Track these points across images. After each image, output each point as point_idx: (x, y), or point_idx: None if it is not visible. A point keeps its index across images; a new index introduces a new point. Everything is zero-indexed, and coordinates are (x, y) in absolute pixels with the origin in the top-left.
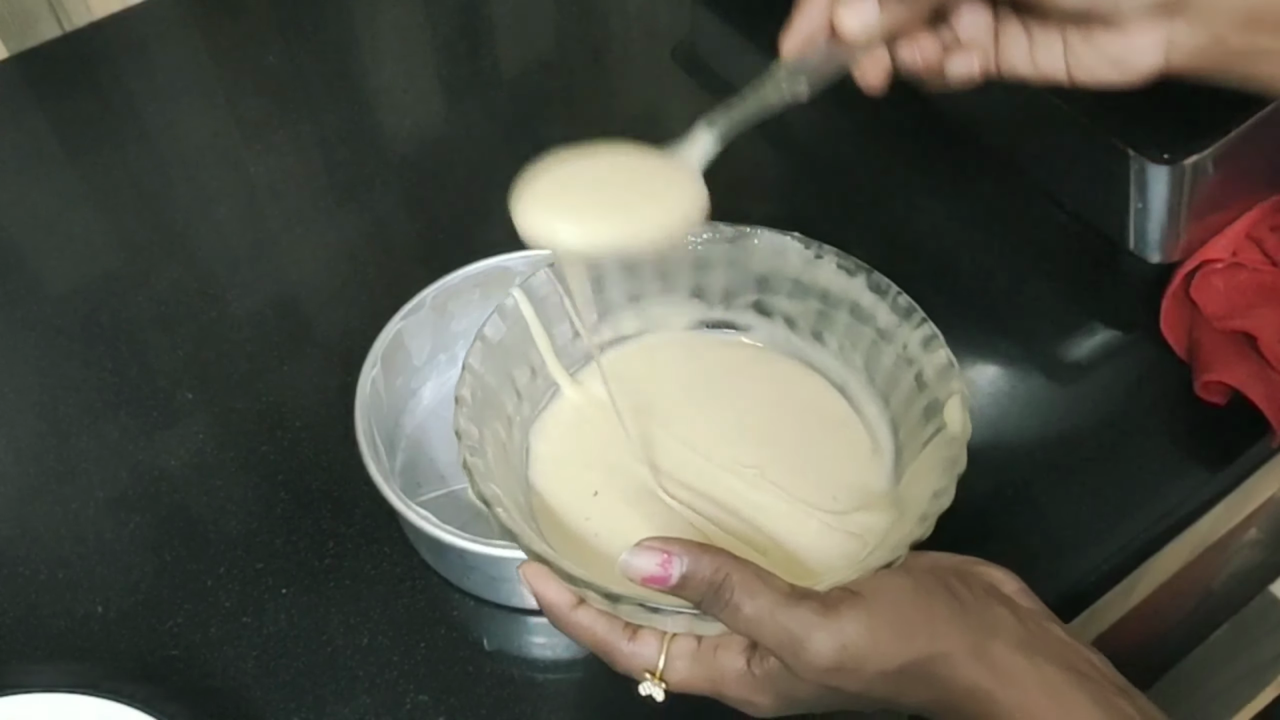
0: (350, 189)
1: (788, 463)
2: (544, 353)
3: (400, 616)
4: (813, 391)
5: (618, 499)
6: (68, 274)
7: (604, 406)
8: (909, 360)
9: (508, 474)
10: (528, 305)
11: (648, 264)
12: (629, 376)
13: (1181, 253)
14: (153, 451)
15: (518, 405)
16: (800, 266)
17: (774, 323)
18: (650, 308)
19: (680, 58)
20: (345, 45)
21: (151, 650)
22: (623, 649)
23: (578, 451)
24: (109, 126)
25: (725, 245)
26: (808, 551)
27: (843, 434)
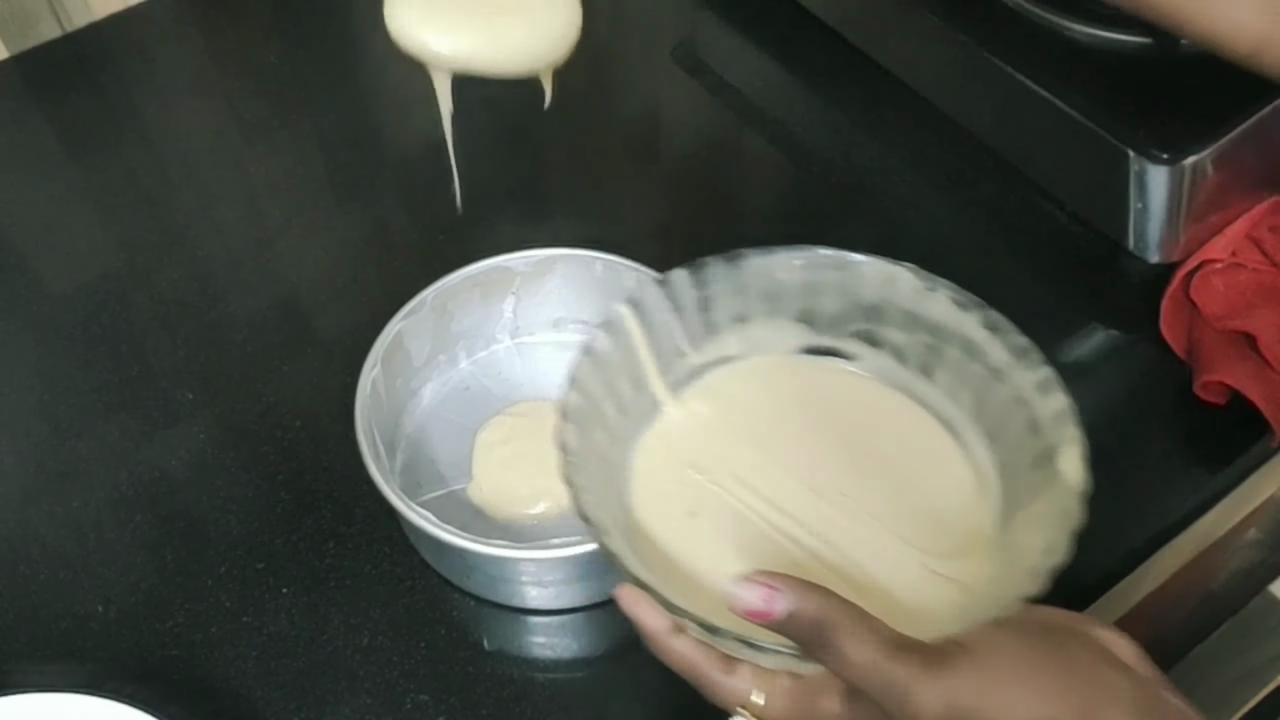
0: (350, 189)
1: (888, 497)
2: (648, 368)
3: (400, 616)
4: (918, 426)
5: (715, 522)
6: (68, 274)
7: (705, 426)
8: (1022, 402)
9: (607, 491)
10: (634, 320)
11: (756, 286)
12: (731, 397)
13: (1181, 253)
14: (153, 451)
15: (620, 421)
16: (912, 298)
17: (881, 353)
18: (755, 330)
19: (680, 58)
20: (345, 45)
21: (152, 650)
22: (717, 681)
23: (677, 470)
24: (109, 126)
25: (835, 272)
26: (906, 592)
27: (947, 472)
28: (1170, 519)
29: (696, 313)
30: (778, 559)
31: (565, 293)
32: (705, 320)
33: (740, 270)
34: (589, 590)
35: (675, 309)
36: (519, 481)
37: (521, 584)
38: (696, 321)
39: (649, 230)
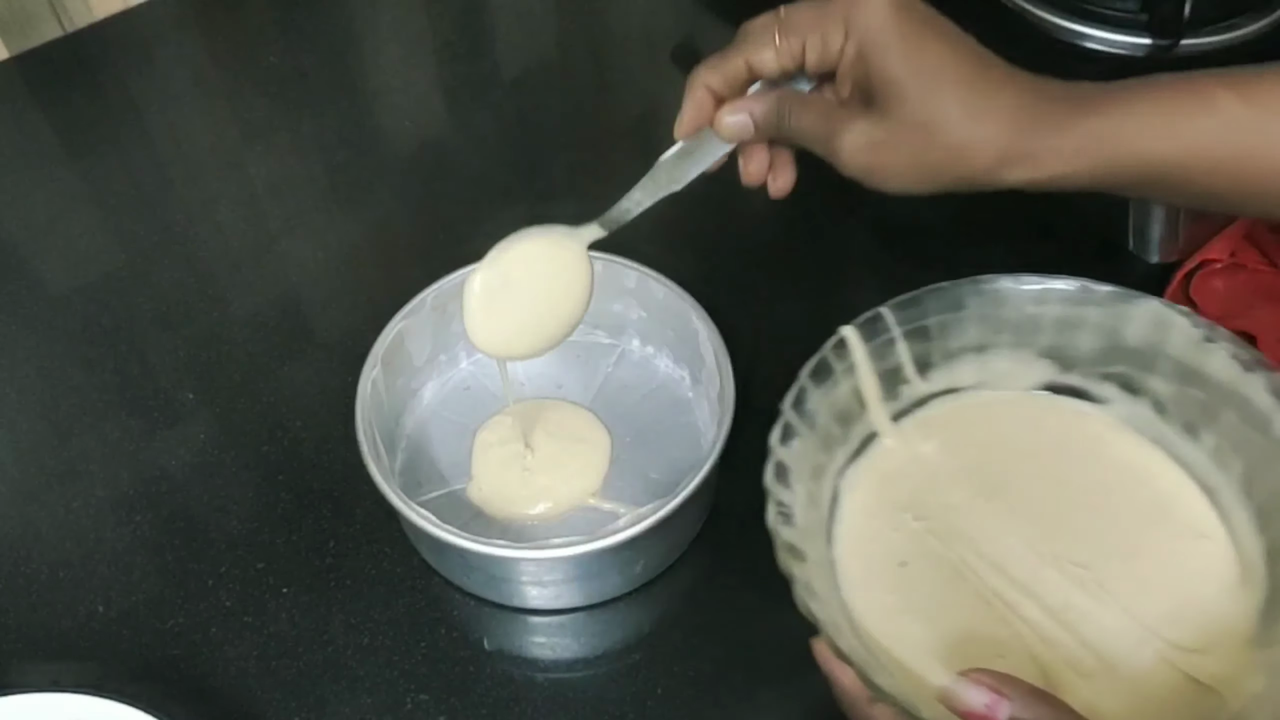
0: (351, 189)
1: (1130, 571)
2: (869, 397)
3: (401, 616)
4: (1173, 490)
5: (927, 576)
6: (69, 274)
7: (928, 466)
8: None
9: (812, 530)
10: (860, 345)
11: (1005, 316)
12: (960, 435)
13: (1181, 253)
14: (154, 451)
15: (831, 453)
16: (1184, 347)
17: (1139, 401)
18: (995, 361)
19: (680, 58)
20: (345, 45)
21: (153, 650)
22: None
23: (892, 514)
24: (110, 127)
25: (1097, 309)
26: (1141, 688)
27: (1203, 549)
28: None
29: (932, 338)
30: (994, 629)
31: None
32: (941, 347)
33: (988, 297)
34: (589, 590)
35: (909, 333)
36: (518, 481)
37: (521, 584)
38: (929, 347)
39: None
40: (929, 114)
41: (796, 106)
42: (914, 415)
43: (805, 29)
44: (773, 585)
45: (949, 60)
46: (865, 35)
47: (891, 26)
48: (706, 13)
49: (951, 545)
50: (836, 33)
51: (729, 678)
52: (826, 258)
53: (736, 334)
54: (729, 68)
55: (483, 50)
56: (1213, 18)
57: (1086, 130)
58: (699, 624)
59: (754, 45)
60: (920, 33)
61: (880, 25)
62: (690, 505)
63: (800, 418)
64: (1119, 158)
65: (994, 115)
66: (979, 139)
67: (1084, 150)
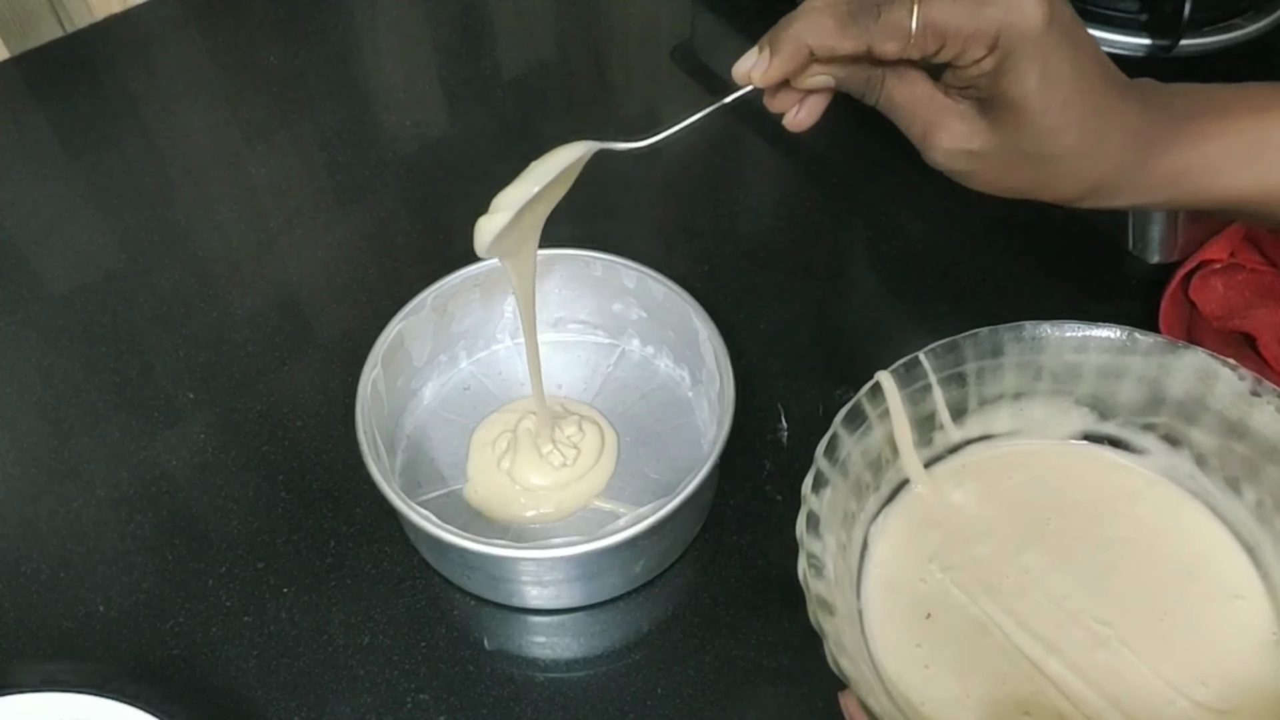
0: (351, 189)
1: (1156, 629)
2: (902, 445)
3: (401, 616)
4: (1211, 546)
5: (953, 629)
6: (69, 274)
7: (958, 516)
8: None
9: (842, 580)
10: (896, 391)
11: (1045, 363)
12: (992, 484)
13: (1180, 253)
14: (154, 451)
15: (862, 500)
16: (1230, 401)
17: (1179, 454)
18: (1032, 409)
19: (680, 58)
20: (345, 45)
21: (153, 650)
22: None
23: (919, 565)
24: (110, 127)
25: (1142, 359)
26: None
27: (1239, 608)
28: None
29: (968, 384)
30: (1020, 686)
31: (565, 293)
32: (978, 393)
33: (1029, 344)
34: (589, 590)
35: (944, 380)
36: (509, 480)
37: (521, 584)
38: (965, 393)
39: (649, 230)
40: (1039, 144)
41: (893, 80)
42: (947, 461)
43: (950, 32)
44: (772, 585)
45: (1077, 93)
46: (1010, 54)
47: (1038, 48)
48: (707, 13)
49: (976, 598)
50: (982, 45)
51: (729, 678)
52: (826, 257)
53: (736, 334)
54: (844, 44)
55: (483, 50)
56: (1213, 18)
57: (1177, 165)
58: (699, 624)
59: (885, 33)
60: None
61: (1031, 46)
62: (690, 505)
63: (832, 465)
64: (1203, 189)
65: (1099, 152)
66: (1077, 173)
67: (1170, 183)
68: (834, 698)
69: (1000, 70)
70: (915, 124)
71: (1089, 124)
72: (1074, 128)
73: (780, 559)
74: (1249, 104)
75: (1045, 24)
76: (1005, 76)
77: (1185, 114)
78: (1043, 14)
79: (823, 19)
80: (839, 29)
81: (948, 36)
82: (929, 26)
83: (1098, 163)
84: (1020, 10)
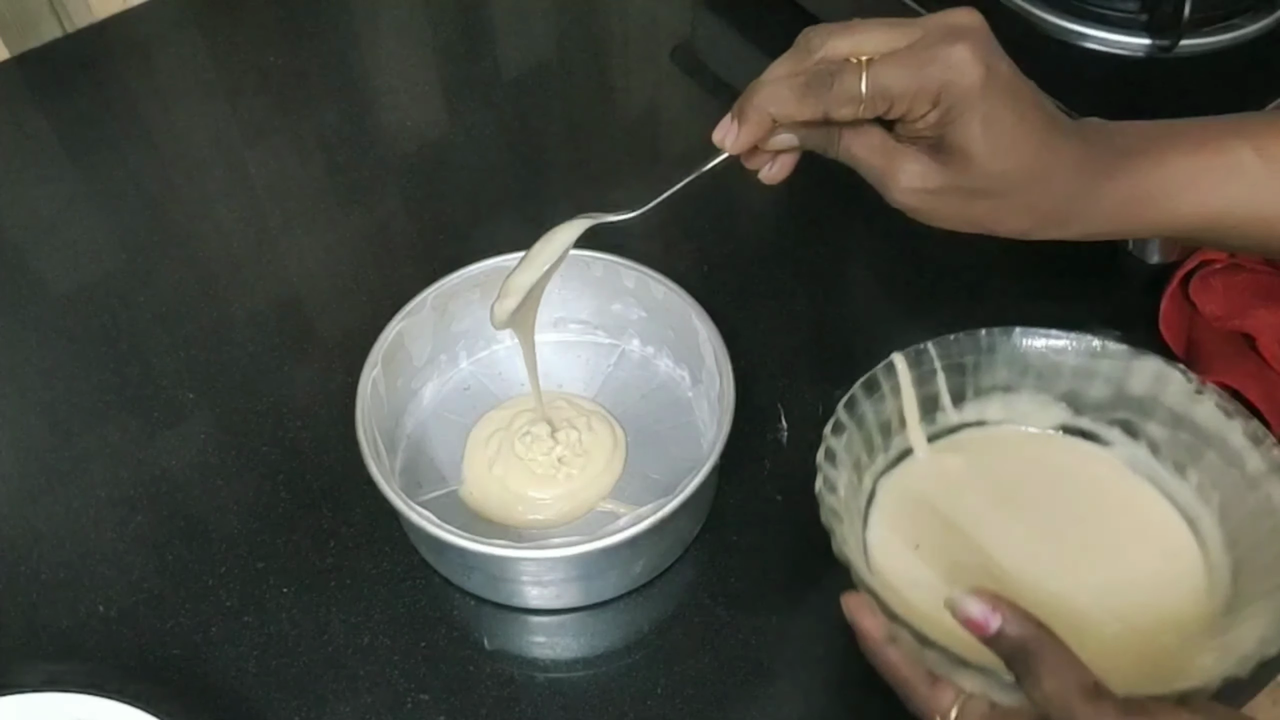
0: (351, 189)
1: (1107, 574)
2: (909, 417)
3: (401, 616)
4: (1159, 518)
5: (935, 556)
6: (69, 275)
7: (950, 475)
8: (1271, 511)
9: (850, 513)
10: (906, 371)
11: (1030, 362)
12: (981, 457)
13: (1180, 253)
14: (154, 451)
15: (872, 455)
16: (1179, 398)
17: (1138, 444)
18: (1019, 402)
19: (680, 58)
20: (345, 45)
21: (153, 649)
22: (921, 692)
23: (913, 507)
24: (110, 127)
25: (1109, 362)
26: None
27: (1176, 564)
28: None
29: (967, 374)
30: None
31: (565, 293)
32: (974, 383)
33: (1017, 344)
34: (589, 590)
35: (947, 367)
36: (505, 484)
37: (521, 584)
38: (964, 382)
39: (649, 230)
40: (987, 182)
41: (850, 135)
42: (946, 439)
43: (896, 94)
44: (772, 585)
45: (1019, 137)
46: (952, 108)
47: (978, 101)
48: (707, 13)
49: (958, 536)
50: (926, 102)
51: (729, 678)
52: (826, 258)
53: (736, 334)
54: (803, 111)
55: (483, 50)
56: (1213, 18)
57: (1119, 196)
58: (699, 624)
59: (838, 100)
60: (1001, 105)
61: (970, 100)
62: (690, 505)
63: (850, 417)
64: (1147, 218)
65: (1044, 188)
66: (1025, 207)
67: (1116, 214)
68: (833, 693)
69: (945, 121)
70: (874, 172)
71: (1033, 162)
72: (1019, 166)
73: (780, 559)
74: (1184, 139)
75: (983, 80)
76: (950, 126)
77: (1127, 149)
78: (979, 71)
79: (781, 90)
80: (797, 100)
81: (895, 98)
82: (877, 90)
83: (1044, 196)
84: (959, 69)
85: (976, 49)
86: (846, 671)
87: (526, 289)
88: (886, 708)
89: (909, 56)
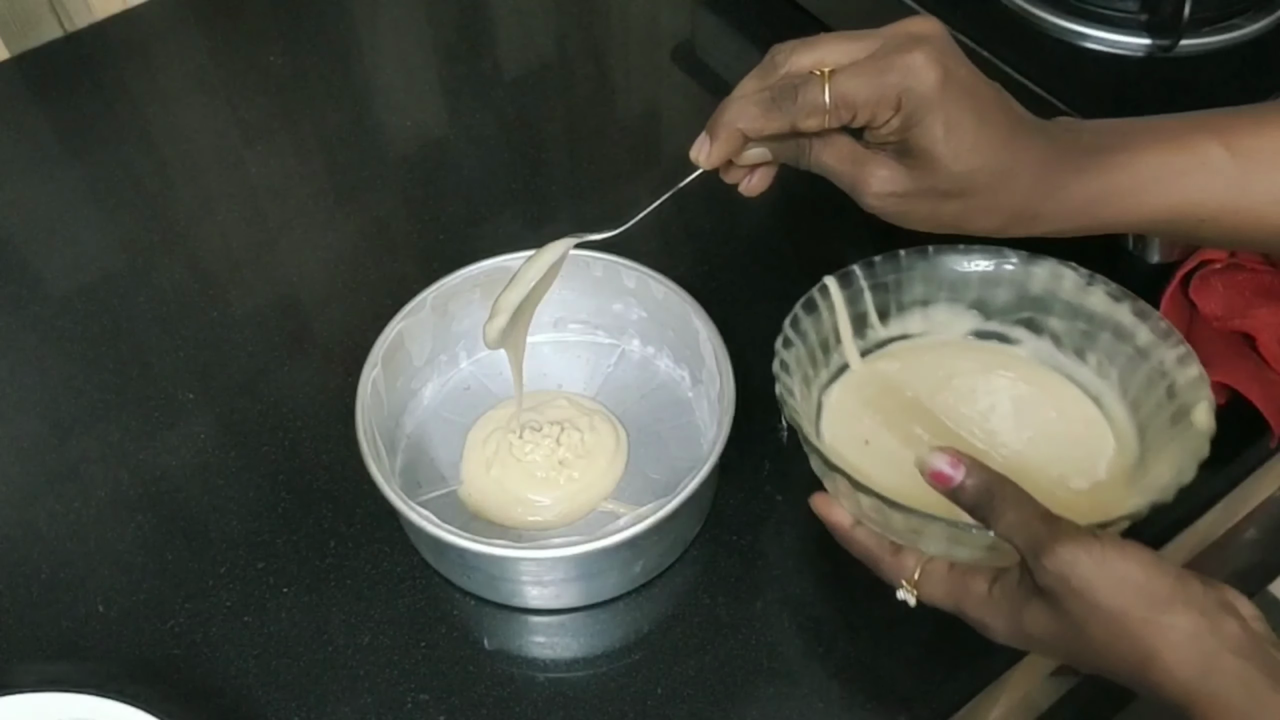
0: (351, 189)
1: (1032, 445)
2: (844, 333)
3: (401, 616)
4: (1070, 400)
5: (882, 449)
6: (69, 274)
7: (887, 379)
8: (1162, 374)
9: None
10: (839, 291)
11: (943, 276)
12: (912, 363)
13: (1180, 253)
14: (154, 451)
15: (816, 370)
16: (1073, 291)
17: (1041, 338)
18: (936, 313)
19: (680, 58)
20: (345, 45)
21: (153, 650)
22: (887, 560)
23: (859, 409)
24: (110, 127)
25: (1010, 268)
26: None
27: (1092, 435)
28: (1169, 519)
29: (890, 293)
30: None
31: (565, 293)
32: (896, 300)
33: (931, 262)
34: (589, 590)
35: (873, 286)
36: (503, 485)
37: (521, 584)
38: (888, 299)
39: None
40: (954, 183)
41: (819, 146)
42: (876, 353)
43: (859, 102)
44: (772, 585)
45: (981, 138)
46: (913, 112)
47: (938, 105)
48: (707, 13)
49: (900, 427)
50: (888, 108)
51: (729, 678)
52: (826, 258)
53: (736, 334)
54: (770, 125)
55: (483, 50)
56: (1213, 18)
57: (1087, 193)
58: (699, 624)
59: (804, 111)
60: (961, 107)
61: (929, 103)
62: (690, 505)
63: (795, 333)
64: (1116, 214)
65: (1005, 191)
66: (993, 206)
67: (1084, 210)
68: (832, 699)
69: (907, 126)
70: (845, 178)
71: (997, 161)
72: (984, 166)
73: (780, 559)
74: (1152, 135)
75: (940, 83)
76: (913, 130)
77: (1094, 147)
78: (936, 75)
79: (749, 106)
80: (764, 113)
81: (857, 106)
82: (840, 99)
83: (1011, 194)
84: (916, 75)
85: (932, 54)
86: (846, 672)
87: (515, 306)
88: (887, 708)
89: (869, 65)
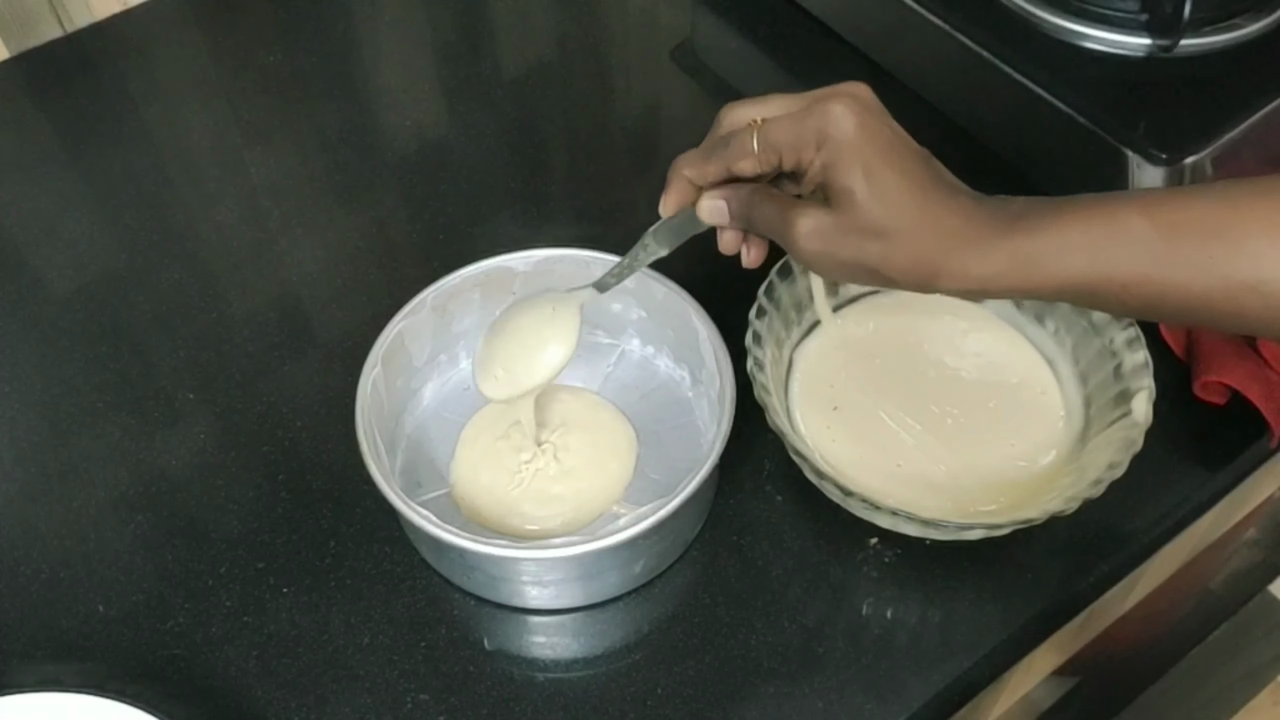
0: (351, 189)
1: (986, 413)
2: (816, 293)
3: (401, 616)
4: (1026, 362)
5: (850, 415)
6: (69, 274)
7: (855, 344)
8: (1112, 353)
9: (776, 384)
10: None
11: None
12: (879, 323)
13: None
14: (154, 451)
15: (789, 330)
16: None
17: (1003, 300)
18: None
19: (680, 58)
20: (345, 45)
21: (153, 650)
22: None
23: (829, 376)
24: (110, 127)
25: None
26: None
27: (1043, 400)
28: (1170, 519)
29: None
30: (896, 447)
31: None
32: None
33: None
34: (589, 590)
35: None
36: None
37: (521, 584)
38: None
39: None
40: (875, 221)
41: (759, 199)
42: (848, 308)
43: (783, 145)
44: (772, 585)
45: (903, 182)
46: (832, 152)
47: (855, 149)
48: (707, 13)
49: (868, 394)
50: (810, 149)
51: (729, 678)
52: None
53: (736, 334)
54: (710, 171)
55: (483, 50)
56: (1213, 18)
57: (1009, 256)
58: (699, 624)
59: (735, 155)
60: (880, 156)
61: (847, 147)
62: (690, 505)
63: (769, 301)
64: (1042, 278)
65: (929, 236)
66: (918, 253)
67: (1006, 273)
68: (832, 699)
69: (829, 165)
70: (776, 227)
71: (921, 205)
72: (908, 205)
73: (780, 559)
74: (1078, 206)
75: (855, 130)
76: (835, 170)
77: (1022, 214)
78: (852, 122)
79: (692, 155)
80: (704, 160)
81: (782, 149)
82: (766, 143)
83: (937, 241)
84: (833, 120)
85: (852, 105)
86: (846, 672)
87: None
88: (887, 708)
89: (795, 114)
